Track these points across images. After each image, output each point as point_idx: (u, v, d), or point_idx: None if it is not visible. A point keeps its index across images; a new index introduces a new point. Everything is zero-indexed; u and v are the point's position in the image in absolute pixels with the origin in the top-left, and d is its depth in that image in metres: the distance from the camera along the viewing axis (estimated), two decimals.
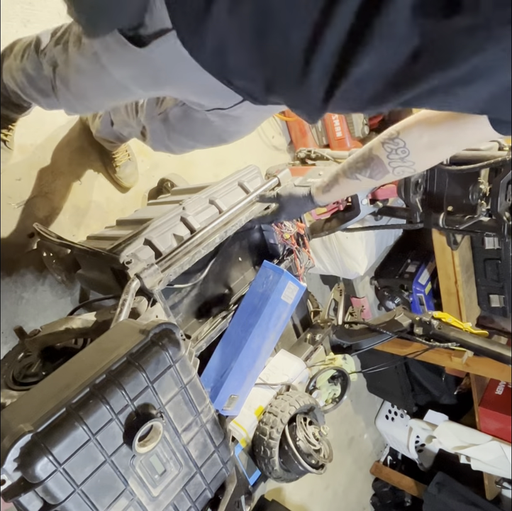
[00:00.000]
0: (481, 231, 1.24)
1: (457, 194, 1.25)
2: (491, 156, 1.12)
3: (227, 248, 1.29)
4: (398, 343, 2.35)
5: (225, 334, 1.19)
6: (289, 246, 1.34)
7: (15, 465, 0.57)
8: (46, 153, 1.52)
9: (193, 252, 1.04)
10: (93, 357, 0.70)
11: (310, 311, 1.53)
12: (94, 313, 0.98)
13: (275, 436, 1.09)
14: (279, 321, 1.25)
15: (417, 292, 2.33)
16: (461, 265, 2.01)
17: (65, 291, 1.58)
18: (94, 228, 1.65)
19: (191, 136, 1.13)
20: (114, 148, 1.56)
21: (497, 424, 2.58)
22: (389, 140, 0.82)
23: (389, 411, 3.49)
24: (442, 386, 2.97)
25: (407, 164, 0.83)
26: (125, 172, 1.64)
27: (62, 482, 0.60)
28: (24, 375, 0.99)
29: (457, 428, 2.75)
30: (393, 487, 3.55)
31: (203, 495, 0.83)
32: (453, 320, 1.25)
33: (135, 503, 0.70)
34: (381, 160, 0.85)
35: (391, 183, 1.38)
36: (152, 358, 0.69)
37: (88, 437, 0.62)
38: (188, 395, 0.76)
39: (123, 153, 1.59)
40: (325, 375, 1.37)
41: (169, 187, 1.73)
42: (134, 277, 0.93)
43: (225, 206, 1.18)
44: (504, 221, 1.16)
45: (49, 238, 1.24)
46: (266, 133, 2.29)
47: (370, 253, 2.17)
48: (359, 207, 1.35)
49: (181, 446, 0.77)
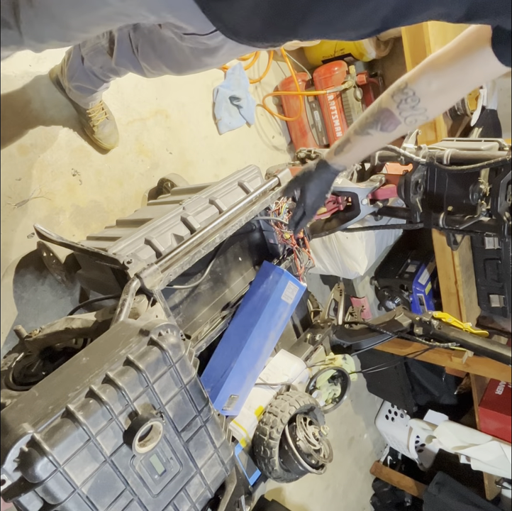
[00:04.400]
0: (481, 231, 1.24)
1: (457, 194, 1.25)
2: (491, 156, 1.12)
3: (228, 248, 1.29)
4: (398, 343, 2.35)
5: (225, 334, 1.19)
6: (289, 246, 1.34)
7: (15, 465, 0.57)
8: (46, 153, 1.52)
9: (193, 252, 1.04)
10: (93, 357, 0.70)
11: (310, 311, 1.53)
12: (94, 313, 0.98)
13: (275, 436, 1.09)
14: (279, 321, 1.25)
15: (417, 292, 2.33)
16: (461, 265, 2.01)
17: (65, 291, 1.58)
18: (94, 228, 1.65)
19: (159, 52, 1.07)
20: (89, 104, 1.51)
21: (497, 424, 2.58)
22: (398, 92, 0.83)
23: (389, 411, 3.49)
24: (442, 386, 2.97)
25: (419, 111, 0.83)
26: (104, 132, 1.59)
27: (62, 482, 0.60)
28: (24, 375, 0.99)
29: (457, 428, 2.75)
30: (393, 487, 3.54)
31: (203, 495, 0.83)
32: (453, 320, 1.25)
33: (135, 503, 0.70)
34: (391, 111, 0.85)
35: (391, 183, 1.38)
36: (152, 358, 0.69)
37: (88, 437, 0.62)
38: (188, 395, 0.76)
39: (99, 112, 1.55)
40: (325, 375, 1.37)
41: (169, 187, 1.73)
42: (134, 277, 0.93)
43: (225, 206, 1.18)
44: (504, 221, 1.16)
45: (49, 238, 1.24)
46: (266, 133, 2.29)
47: (370, 253, 2.17)
48: (359, 207, 1.35)
49: (181, 446, 0.77)
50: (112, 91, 1.66)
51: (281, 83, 2.28)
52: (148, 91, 1.78)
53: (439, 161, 1.20)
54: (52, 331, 0.97)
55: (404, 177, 1.28)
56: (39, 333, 1.00)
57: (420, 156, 1.23)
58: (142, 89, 1.77)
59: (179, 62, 1.05)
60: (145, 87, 1.77)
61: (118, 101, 1.70)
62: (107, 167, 1.68)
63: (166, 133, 1.86)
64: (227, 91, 2.03)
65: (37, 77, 1.47)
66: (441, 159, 1.20)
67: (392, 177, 1.37)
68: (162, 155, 1.85)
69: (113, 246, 1.03)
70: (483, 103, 1.86)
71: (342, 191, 1.35)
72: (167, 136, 1.86)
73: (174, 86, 1.87)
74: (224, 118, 2.05)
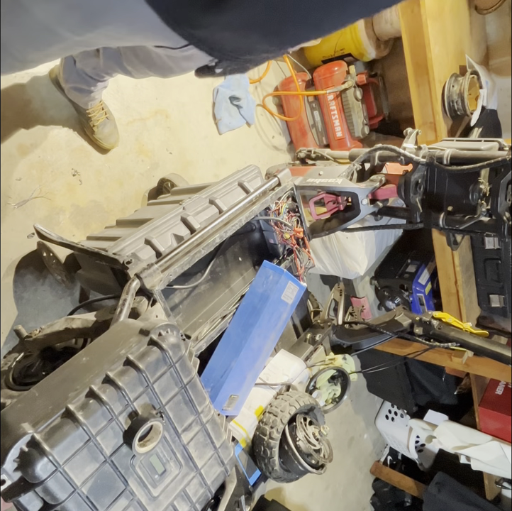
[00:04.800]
0: (481, 231, 1.24)
1: (457, 194, 1.25)
2: (491, 156, 1.12)
3: (228, 248, 1.29)
4: (398, 343, 2.36)
5: (225, 334, 1.19)
6: (289, 246, 1.34)
7: (15, 465, 0.57)
8: (46, 153, 1.52)
9: (193, 252, 1.04)
10: (93, 357, 0.70)
11: (310, 311, 1.53)
12: (94, 313, 0.98)
13: (275, 436, 1.09)
14: (279, 321, 1.25)
15: (417, 292, 2.33)
16: (461, 265, 2.02)
17: (65, 291, 1.58)
18: (94, 228, 1.65)
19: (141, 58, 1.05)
20: (88, 104, 1.51)
21: (497, 424, 2.58)
22: None
23: (389, 411, 3.49)
24: (442, 386, 2.97)
25: None
26: (104, 132, 1.59)
27: (62, 482, 0.60)
28: (24, 375, 0.99)
29: (457, 428, 2.75)
30: (393, 487, 3.55)
31: (203, 495, 0.83)
32: (453, 320, 1.25)
33: (135, 503, 0.70)
34: None
35: (391, 183, 1.38)
36: (152, 358, 0.69)
37: (88, 437, 0.62)
38: (188, 395, 0.76)
39: (98, 112, 1.55)
40: (325, 375, 1.37)
41: (169, 187, 1.73)
42: (134, 277, 0.93)
43: (225, 206, 1.18)
44: (504, 221, 1.16)
45: (49, 238, 1.24)
46: (266, 133, 2.29)
47: (370, 253, 2.17)
48: (359, 207, 1.35)
49: (181, 446, 0.77)
50: (112, 91, 1.66)
51: (281, 83, 2.28)
52: (148, 91, 1.78)
53: (439, 161, 1.20)
54: (52, 331, 0.97)
55: (404, 177, 1.27)
56: (39, 333, 1.00)
57: (420, 156, 1.23)
58: (142, 88, 1.76)
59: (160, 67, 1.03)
60: (145, 87, 1.77)
61: (118, 101, 1.70)
62: (107, 167, 1.68)
63: (166, 133, 1.86)
64: (227, 91, 2.03)
65: (37, 77, 1.47)
66: (441, 159, 1.20)
67: (392, 177, 1.37)
68: (162, 155, 1.85)
69: (113, 246, 1.03)
70: (483, 103, 1.86)
71: (342, 191, 1.35)
72: (167, 136, 1.86)
73: (174, 86, 1.87)
74: (224, 118, 2.05)
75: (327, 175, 1.38)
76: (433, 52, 1.68)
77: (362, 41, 2.12)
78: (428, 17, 1.63)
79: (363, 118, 2.19)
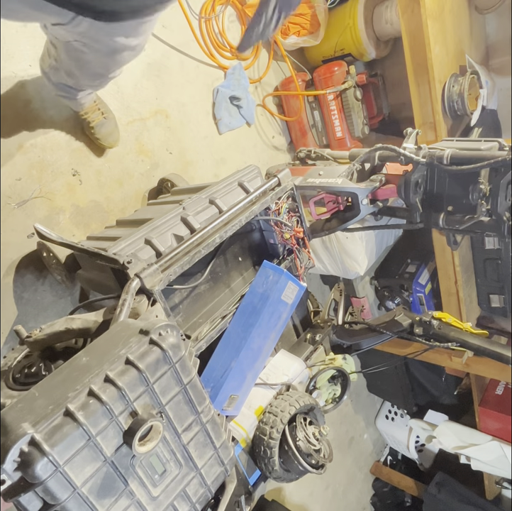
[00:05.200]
0: (481, 231, 1.24)
1: (457, 194, 1.25)
2: (491, 156, 1.12)
3: (228, 248, 1.29)
4: (398, 343, 2.35)
5: (225, 334, 1.19)
6: (289, 246, 1.34)
7: (15, 465, 0.57)
8: (46, 153, 1.52)
9: (193, 252, 1.04)
10: (93, 357, 0.70)
11: (310, 311, 1.53)
12: (94, 313, 0.98)
13: (275, 436, 1.09)
14: (279, 321, 1.25)
15: (417, 292, 2.33)
16: (461, 265, 2.02)
17: (65, 291, 1.58)
18: (94, 228, 1.65)
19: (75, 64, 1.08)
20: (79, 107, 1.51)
21: (497, 424, 2.58)
22: None
23: (389, 411, 3.49)
24: (442, 386, 2.97)
25: None
26: (102, 132, 1.59)
27: (62, 482, 0.60)
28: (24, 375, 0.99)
29: (457, 428, 2.75)
30: (393, 487, 3.55)
31: (203, 495, 0.83)
32: (453, 320, 1.25)
33: (135, 503, 0.70)
34: None
35: (391, 183, 1.38)
36: (152, 358, 0.69)
37: (88, 437, 0.62)
38: (188, 395, 0.76)
39: (93, 112, 1.55)
40: (325, 375, 1.37)
41: (169, 187, 1.73)
42: (134, 277, 0.93)
43: (225, 206, 1.18)
44: (504, 221, 1.16)
45: (49, 238, 1.24)
46: (266, 133, 2.29)
47: (370, 253, 2.17)
48: (359, 207, 1.35)
49: (181, 446, 0.77)
50: (112, 91, 1.66)
51: (281, 83, 2.28)
52: (148, 91, 1.78)
53: (439, 161, 1.20)
54: (52, 331, 0.97)
55: (404, 177, 1.27)
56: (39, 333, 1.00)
57: (420, 156, 1.23)
58: (142, 88, 1.77)
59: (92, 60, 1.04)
60: (145, 87, 1.77)
61: (118, 101, 1.70)
62: (107, 167, 1.68)
63: (166, 133, 1.86)
64: (227, 91, 2.03)
65: (37, 77, 1.47)
66: (441, 159, 1.20)
67: (392, 177, 1.37)
68: (162, 155, 1.85)
69: (113, 246, 1.03)
70: (483, 103, 1.86)
71: (342, 191, 1.35)
72: (167, 136, 1.86)
73: (174, 86, 1.87)
74: (224, 118, 2.05)
75: (327, 175, 1.38)
76: (433, 52, 1.68)
77: (362, 41, 2.12)
78: (428, 17, 1.63)
79: (363, 118, 2.19)
